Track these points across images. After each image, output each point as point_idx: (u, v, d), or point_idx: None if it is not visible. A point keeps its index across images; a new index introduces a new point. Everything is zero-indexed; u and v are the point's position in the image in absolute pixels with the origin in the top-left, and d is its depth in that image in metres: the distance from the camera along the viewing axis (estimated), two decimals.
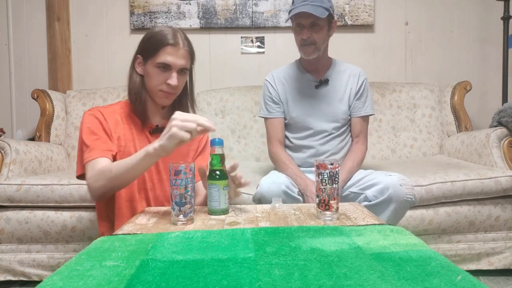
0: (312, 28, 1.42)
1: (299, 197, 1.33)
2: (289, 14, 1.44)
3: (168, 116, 1.26)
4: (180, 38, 1.16)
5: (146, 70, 1.18)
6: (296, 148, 1.56)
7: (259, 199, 1.29)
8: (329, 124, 1.52)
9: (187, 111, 1.27)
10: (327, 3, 1.41)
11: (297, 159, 1.53)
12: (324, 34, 1.45)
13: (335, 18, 1.52)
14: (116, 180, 1.02)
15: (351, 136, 1.58)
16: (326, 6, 1.40)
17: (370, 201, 1.27)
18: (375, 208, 1.25)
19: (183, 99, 1.26)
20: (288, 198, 1.28)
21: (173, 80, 1.14)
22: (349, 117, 1.55)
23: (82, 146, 1.12)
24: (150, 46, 1.15)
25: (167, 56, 1.13)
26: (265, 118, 1.59)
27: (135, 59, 1.21)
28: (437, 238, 1.68)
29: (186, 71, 1.20)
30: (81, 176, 1.15)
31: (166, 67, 1.14)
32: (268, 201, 1.18)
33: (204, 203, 1.13)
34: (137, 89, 1.19)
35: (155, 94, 1.18)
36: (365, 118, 1.56)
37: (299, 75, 1.57)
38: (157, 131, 1.21)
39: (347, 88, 1.53)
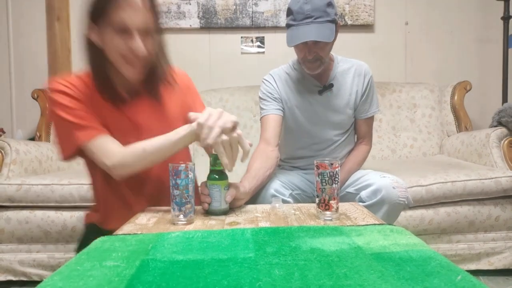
0: (317, 44, 1.24)
1: (289, 199, 1.31)
2: (287, 28, 1.26)
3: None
4: None
5: (101, 37, 0.96)
6: (300, 156, 1.49)
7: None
8: (335, 131, 1.44)
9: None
10: (331, 11, 1.23)
11: (301, 164, 1.51)
12: (330, 46, 1.29)
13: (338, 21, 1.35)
14: (149, 158, 0.96)
15: (355, 136, 1.52)
16: (332, 17, 1.22)
17: (364, 202, 1.26)
18: (369, 209, 1.24)
19: (158, 70, 1.05)
20: None
21: (136, 43, 0.93)
22: (354, 118, 1.47)
23: (64, 124, 0.97)
24: (97, 3, 0.94)
25: (120, 12, 0.91)
26: (261, 117, 1.42)
27: (84, 27, 0.97)
28: (437, 238, 1.68)
29: (153, 33, 0.98)
30: (69, 157, 1.01)
31: (124, 30, 0.93)
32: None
33: None
34: (98, 63, 0.99)
35: (119, 65, 0.98)
36: (371, 118, 1.48)
37: (301, 80, 1.41)
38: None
39: (352, 90, 1.42)
